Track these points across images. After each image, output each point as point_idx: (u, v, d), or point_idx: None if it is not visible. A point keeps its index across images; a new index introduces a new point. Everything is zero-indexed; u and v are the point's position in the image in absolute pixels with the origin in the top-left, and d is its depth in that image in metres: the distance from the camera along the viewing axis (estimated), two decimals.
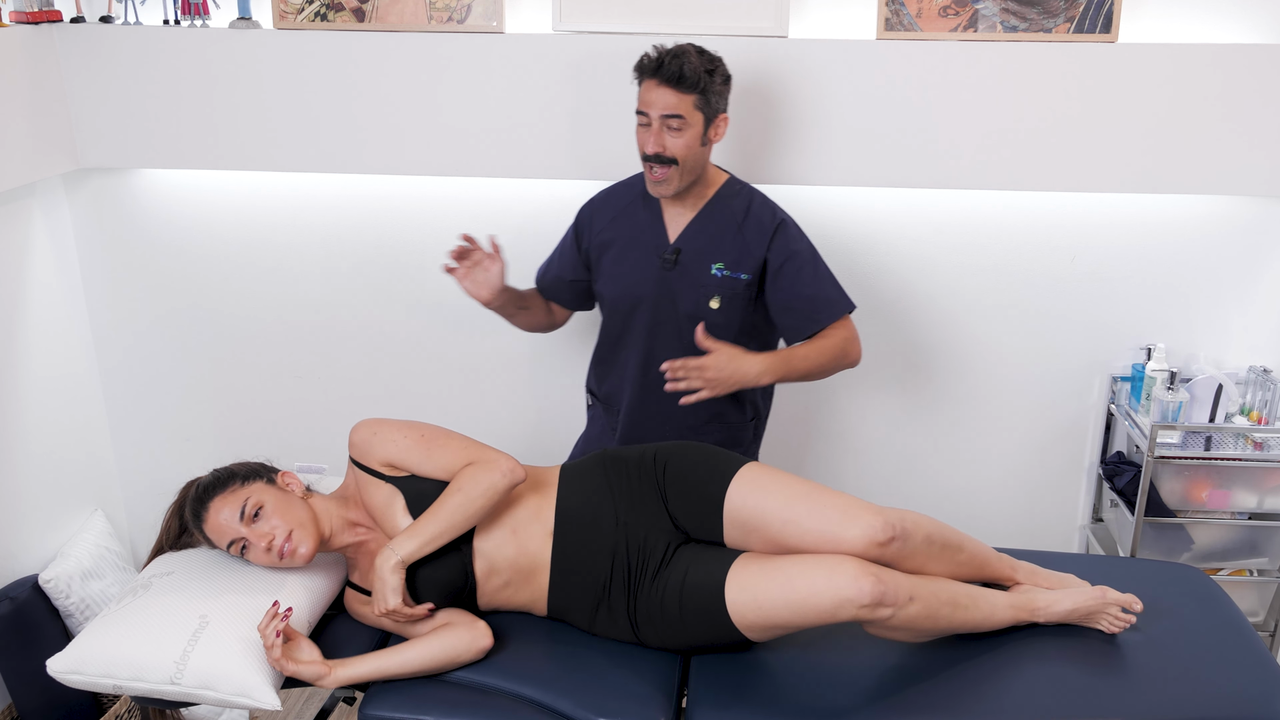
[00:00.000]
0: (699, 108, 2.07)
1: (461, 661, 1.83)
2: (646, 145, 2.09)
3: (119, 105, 2.56)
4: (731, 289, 2.19)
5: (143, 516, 3.07)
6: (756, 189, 2.26)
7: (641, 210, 2.25)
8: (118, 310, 2.88)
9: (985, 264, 2.69)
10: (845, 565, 1.74)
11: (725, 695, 1.79)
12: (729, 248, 2.19)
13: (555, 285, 2.37)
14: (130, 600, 1.87)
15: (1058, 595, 1.93)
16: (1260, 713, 1.74)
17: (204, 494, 1.89)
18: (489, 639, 1.85)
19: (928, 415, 2.83)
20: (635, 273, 2.23)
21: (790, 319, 2.22)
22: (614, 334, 2.31)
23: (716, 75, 2.08)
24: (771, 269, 2.19)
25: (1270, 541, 2.61)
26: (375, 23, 2.51)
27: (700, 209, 2.21)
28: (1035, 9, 2.39)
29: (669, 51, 2.05)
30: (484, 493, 1.83)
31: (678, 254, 2.20)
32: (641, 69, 2.08)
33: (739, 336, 2.22)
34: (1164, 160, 2.44)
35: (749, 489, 1.86)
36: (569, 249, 2.34)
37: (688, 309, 2.21)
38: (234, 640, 1.76)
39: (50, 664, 1.80)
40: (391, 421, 1.96)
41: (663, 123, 2.06)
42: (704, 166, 2.17)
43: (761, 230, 2.19)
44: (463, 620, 1.87)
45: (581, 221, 2.32)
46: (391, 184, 2.72)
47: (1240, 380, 2.65)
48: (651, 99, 2.06)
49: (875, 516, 1.79)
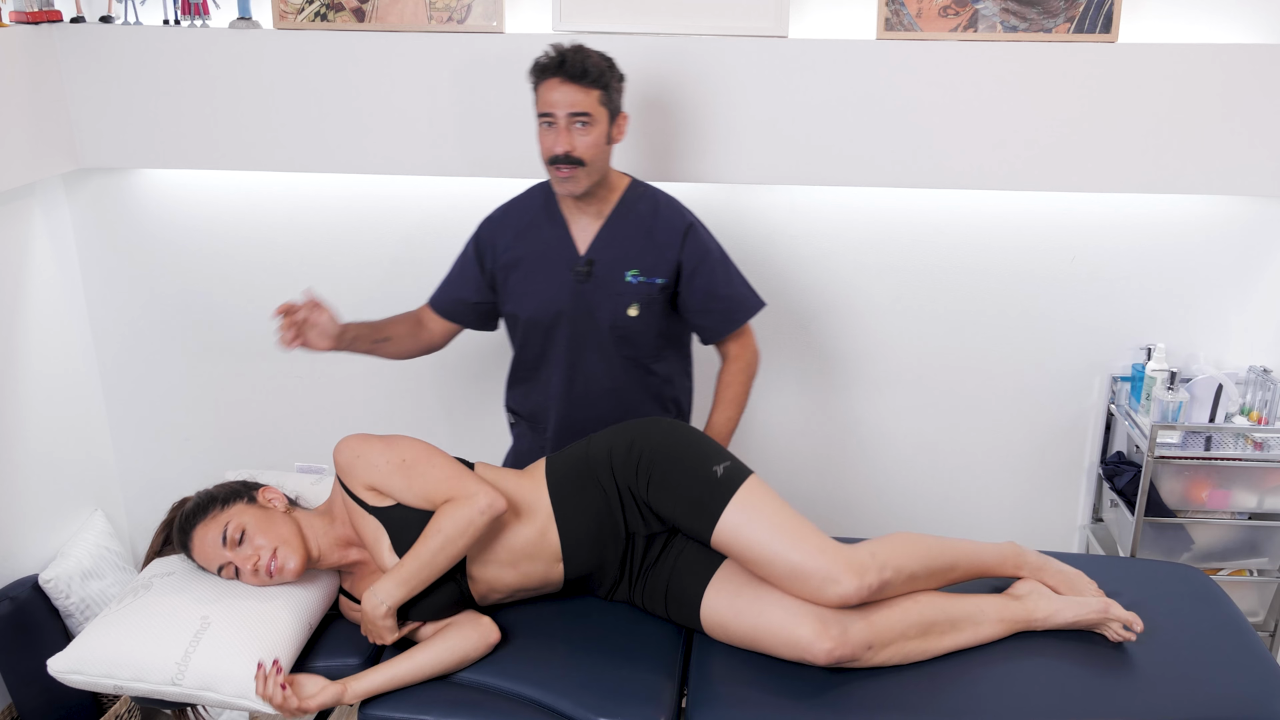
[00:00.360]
0: (603, 104, 2.03)
1: (472, 660, 1.84)
2: (556, 146, 2.02)
3: (119, 105, 2.56)
4: (648, 294, 2.15)
5: (143, 516, 3.07)
6: (659, 189, 2.22)
7: (546, 224, 2.18)
8: (118, 310, 2.88)
9: (985, 264, 2.69)
10: (808, 622, 1.78)
11: (725, 695, 1.79)
12: (641, 253, 2.15)
13: (457, 308, 2.28)
14: (131, 600, 1.87)
15: (1058, 607, 1.90)
16: (1260, 713, 1.74)
17: (187, 523, 1.89)
18: (496, 634, 1.87)
19: (927, 415, 2.83)
20: (548, 289, 2.17)
21: (707, 320, 2.21)
22: (533, 353, 2.25)
23: (615, 71, 2.06)
24: (686, 272, 2.17)
25: (1270, 541, 2.61)
26: (375, 23, 2.51)
27: (607, 216, 2.16)
28: (1035, 9, 2.39)
29: (568, 48, 2.01)
30: (463, 531, 1.81)
31: (591, 265, 2.15)
32: (543, 68, 2.02)
33: (658, 341, 2.21)
34: (1164, 160, 2.44)
35: (730, 536, 1.85)
36: (470, 270, 2.25)
37: (606, 319, 2.16)
38: (235, 642, 1.76)
39: (51, 663, 1.80)
40: (373, 442, 1.91)
41: (570, 121, 2.01)
42: (608, 168, 2.13)
43: (672, 233, 2.16)
44: (467, 619, 1.88)
45: (482, 241, 2.23)
46: (392, 184, 2.72)
47: (1240, 380, 2.65)
48: (556, 98, 2.01)
49: (854, 579, 1.78)
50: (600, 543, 1.93)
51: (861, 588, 1.78)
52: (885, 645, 1.80)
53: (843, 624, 1.78)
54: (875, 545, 1.86)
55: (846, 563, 1.79)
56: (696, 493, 1.88)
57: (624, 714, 1.74)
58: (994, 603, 1.90)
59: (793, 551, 1.80)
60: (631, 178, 2.22)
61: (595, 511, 1.92)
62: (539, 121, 2.05)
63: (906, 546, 1.87)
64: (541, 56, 2.03)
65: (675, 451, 1.93)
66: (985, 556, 1.95)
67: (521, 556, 1.91)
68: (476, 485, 1.84)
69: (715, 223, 2.70)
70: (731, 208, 2.69)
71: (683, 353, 2.32)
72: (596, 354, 2.20)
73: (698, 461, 1.91)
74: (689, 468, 1.90)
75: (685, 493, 1.88)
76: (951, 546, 1.92)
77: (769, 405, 2.85)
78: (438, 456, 1.91)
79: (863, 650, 1.79)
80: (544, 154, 2.06)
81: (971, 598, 1.90)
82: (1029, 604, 1.91)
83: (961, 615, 1.86)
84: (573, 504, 1.93)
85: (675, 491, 1.89)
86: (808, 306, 2.75)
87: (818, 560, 1.79)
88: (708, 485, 1.87)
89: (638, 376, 2.23)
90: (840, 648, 1.76)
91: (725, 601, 1.85)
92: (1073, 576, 1.96)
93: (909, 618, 1.82)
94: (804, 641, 1.77)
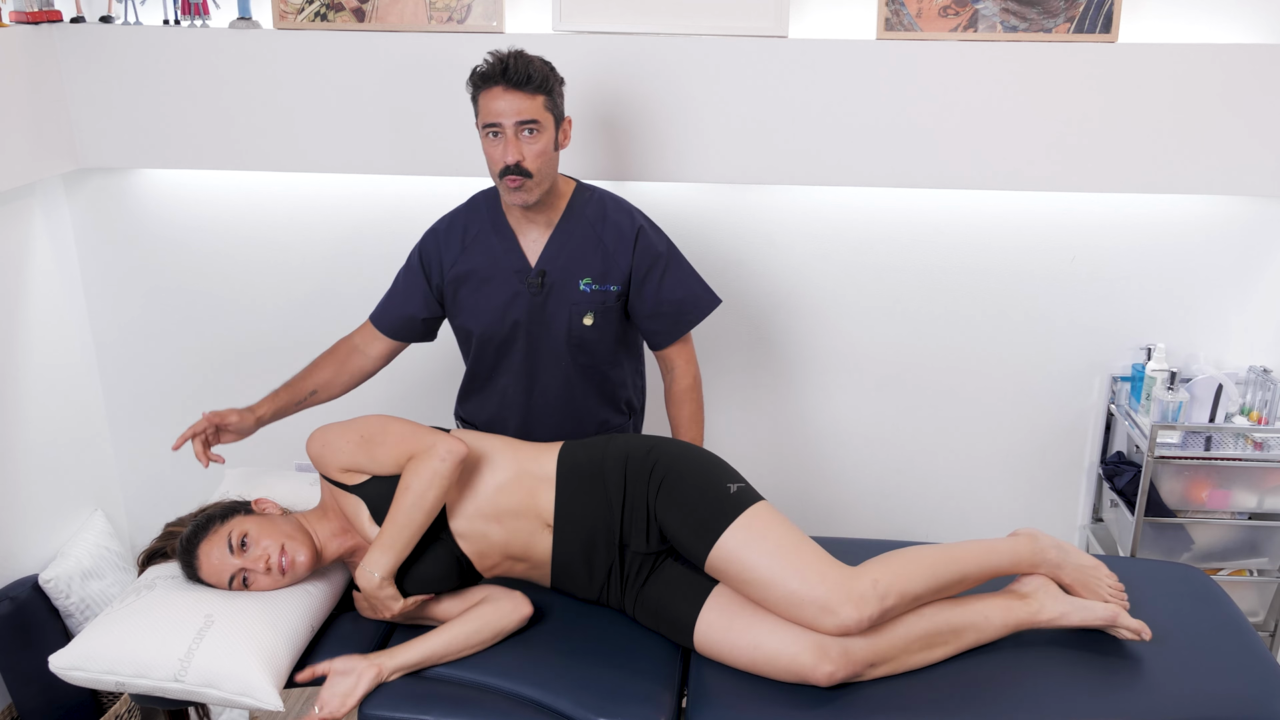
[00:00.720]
0: (549, 109, 1.98)
1: (505, 632, 1.87)
2: (506, 156, 1.96)
3: (119, 105, 2.56)
4: (603, 302, 2.12)
5: (143, 516, 3.07)
6: (607, 191, 2.18)
7: (493, 236, 2.12)
8: (118, 310, 2.88)
9: (985, 264, 2.69)
10: (808, 648, 1.75)
11: (725, 695, 1.79)
12: (594, 260, 2.10)
13: (407, 325, 2.22)
14: (134, 598, 1.87)
15: (1065, 610, 1.88)
16: (1260, 713, 1.74)
17: (189, 544, 1.89)
18: (529, 607, 1.89)
19: (928, 415, 2.83)
20: (501, 303, 2.12)
21: (658, 324, 2.17)
22: (487, 365, 2.21)
23: (557, 75, 2.00)
24: (637, 276, 2.12)
25: (1270, 541, 2.61)
26: (375, 23, 2.51)
27: (556, 224, 2.11)
28: (1035, 9, 2.39)
29: (508, 54, 1.94)
30: (430, 482, 1.83)
31: (543, 276, 2.10)
32: (485, 77, 1.95)
33: (615, 347, 2.19)
34: (1164, 160, 2.44)
35: (730, 556, 1.82)
36: (416, 285, 2.19)
37: (562, 330, 2.13)
38: (238, 639, 1.77)
39: (53, 660, 1.80)
40: (334, 428, 1.95)
41: (518, 130, 1.95)
42: (556, 174, 2.08)
43: (623, 238, 2.11)
44: (499, 593, 1.90)
45: (427, 256, 2.17)
46: (392, 184, 2.72)
47: (1240, 380, 2.65)
48: (501, 107, 1.94)
49: (852, 612, 1.74)
50: (592, 538, 1.91)
51: (861, 620, 1.75)
52: (887, 661, 1.79)
53: (843, 645, 1.76)
54: (879, 571, 1.80)
55: (846, 594, 1.76)
56: (705, 505, 1.86)
57: (624, 714, 1.74)
58: (998, 606, 1.87)
59: (792, 578, 1.77)
60: (577, 181, 2.17)
61: (595, 505, 1.92)
62: (483, 133, 1.99)
63: (910, 568, 1.82)
64: (481, 65, 1.96)
65: (692, 465, 1.93)
66: (998, 559, 1.90)
67: (506, 512, 1.91)
68: (432, 437, 1.88)
69: (715, 223, 2.71)
70: (731, 208, 2.69)
71: (635, 354, 2.30)
72: (553, 364, 2.17)
73: (713, 477, 1.91)
74: (702, 481, 1.90)
75: (693, 503, 1.87)
76: (959, 559, 1.87)
77: (768, 405, 2.85)
78: (393, 423, 1.93)
79: (864, 668, 1.77)
80: (492, 166, 2.00)
81: (975, 603, 1.87)
82: (1034, 605, 1.88)
83: (965, 623, 1.84)
84: (575, 482, 1.93)
85: (684, 500, 1.88)
86: (807, 306, 2.75)
87: (817, 590, 1.76)
88: (718, 499, 1.86)
89: (594, 382, 2.21)
90: (841, 669, 1.75)
91: (721, 627, 1.82)
92: (1089, 572, 1.91)
93: (912, 633, 1.80)
94: (804, 669, 1.75)
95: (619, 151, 2.50)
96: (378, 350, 2.26)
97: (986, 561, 1.89)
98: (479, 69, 1.97)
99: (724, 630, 1.82)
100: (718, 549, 1.82)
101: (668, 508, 1.89)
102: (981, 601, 1.88)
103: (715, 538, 1.83)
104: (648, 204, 2.68)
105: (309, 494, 2.17)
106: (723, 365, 2.81)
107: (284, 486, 2.18)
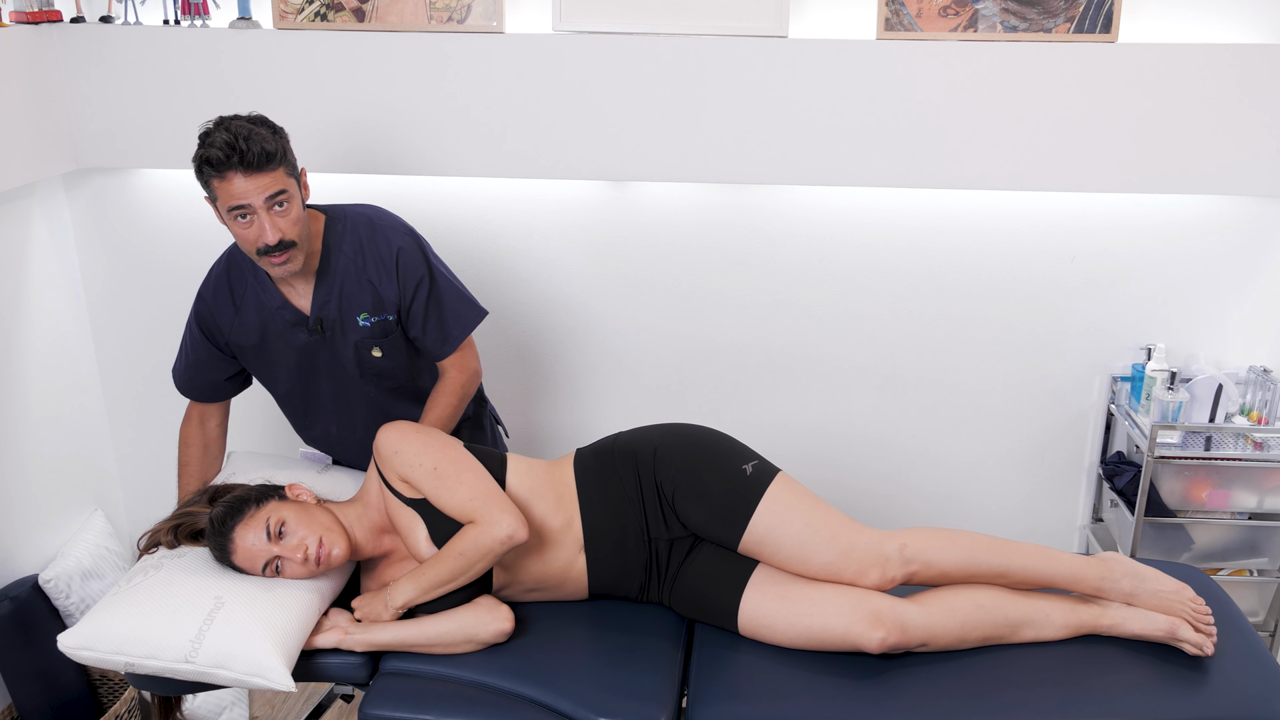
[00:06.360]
0: (289, 174, 1.90)
1: (479, 640, 1.86)
2: (264, 237, 1.87)
3: (119, 105, 2.56)
4: (384, 332, 2.08)
5: (143, 516, 3.06)
6: (360, 213, 2.09)
7: (260, 295, 2.06)
8: (118, 310, 2.88)
9: (985, 264, 2.69)
10: (861, 611, 1.79)
11: (725, 695, 1.79)
12: (363, 296, 2.05)
13: (217, 389, 2.20)
14: (142, 579, 1.87)
15: (1125, 616, 1.86)
16: (1260, 713, 1.74)
17: (222, 526, 1.87)
18: (509, 623, 1.88)
19: (928, 415, 2.83)
20: (290, 357, 2.10)
21: (425, 341, 2.13)
22: (297, 409, 2.21)
23: (282, 134, 1.91)
24: (405, 299, 2.08)
25: (1270, 541, 2.61)
26: (375, 23, 2.51)
27: (318, 269, 2.04)
28: (1035, 9, 2.39)
29: (232, 135, 1.81)
30: (483, 557, 1.83)
31: (320, 323, 2.05)
32: (216, 164, 1.82)
33: (413, 365, 2.17)
34: (1164, 160, 2.44)
35: (760, 543, 1.87)
36: (205, 352, 2.14)
37: (354, 367, 2.11)
38: (249, 620, 1.77)
39: (62, 639, 1.79)
40: (415, 439, 1.92)
41: (268, 205, 1.86)
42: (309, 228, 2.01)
43: (383, 265, 2.05)
44: (485, 602, 1.90)
45: (205, 323, 2.11)
46: (391, 184, 2.72)
47: (1240, 380, 2.65)
48: (245, 189, 1.83)
49: (877, 574, 1.84)
50: (624, 544, 1.94)
51: (884, 582, 1.83)
52: (938, 644, 1.83)
53: (898, 615, 1.80)
54: (910, 536, 1.87)
55: (875, 557, 1.84)
56: (726, 493, 1.89)
57: (624, 713, 1.74)
58: (1062, 607, 1.86)
59: (826, 550, 1.85)
60: (325, 214, 2.07)
61: (619, 505, 1.94)
62: (228, 216, 1.88)
63: (945, 543, 1.86)
64: (208, 151, 1.82)
65: (703, 454, 1.95)
66: (1053, 570, 1.86)
67: (546, 544, 1.94)
68: (501, 512, 1.84)
69: (715, 223, 2.71)
70: (731, 208, 2.69)
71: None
72: (361, 396, 2.16)
73: (725, 461, 1.93)
74: (716, 469, 1.92)
75: (714, 493, 1.90)
76: (1005, 552, 1.86)
77: (768, 405, 2.85)
78: (467, 471, 1.90)
79: (915, 645, 1.82)
80: (249, 247, 1.91)
81: (1039, 599, 1.86)
82: (1097, 609, 1.87)
83: (1023, 618, 1.84)
84: (597, 496, 1.96)
85: (704, 492, 1.91)
86: (806, 306, 2.75)
87: (849, 559, 1.84)
88: (737, 485, 1.90)
89: (410, 397, 2.20)
90: (893, 635, 1.79)
91: (768, 610, 1.86)
92: (1169, 598, 1.86)
93: (969, 623, 1.82)
94: (858, 637, 1.80)
95: (619, 151, 2.50)
96: (217, 417, 2.26)
97: (1037, 566, 1.87)
98: (205, 155, 1.83)
99: (771, 613, 1.85)
100: (748, 535, 1.87)
101: (689, 502, 1.91)
102: (1045, 599, 1.87)
103: (744, 525, 1.87)
104: (648, 204, 2.69)
105: (314, 482, 2.16)
106: (722, 365, 2.82)
107: (286, 475, 2.17)
